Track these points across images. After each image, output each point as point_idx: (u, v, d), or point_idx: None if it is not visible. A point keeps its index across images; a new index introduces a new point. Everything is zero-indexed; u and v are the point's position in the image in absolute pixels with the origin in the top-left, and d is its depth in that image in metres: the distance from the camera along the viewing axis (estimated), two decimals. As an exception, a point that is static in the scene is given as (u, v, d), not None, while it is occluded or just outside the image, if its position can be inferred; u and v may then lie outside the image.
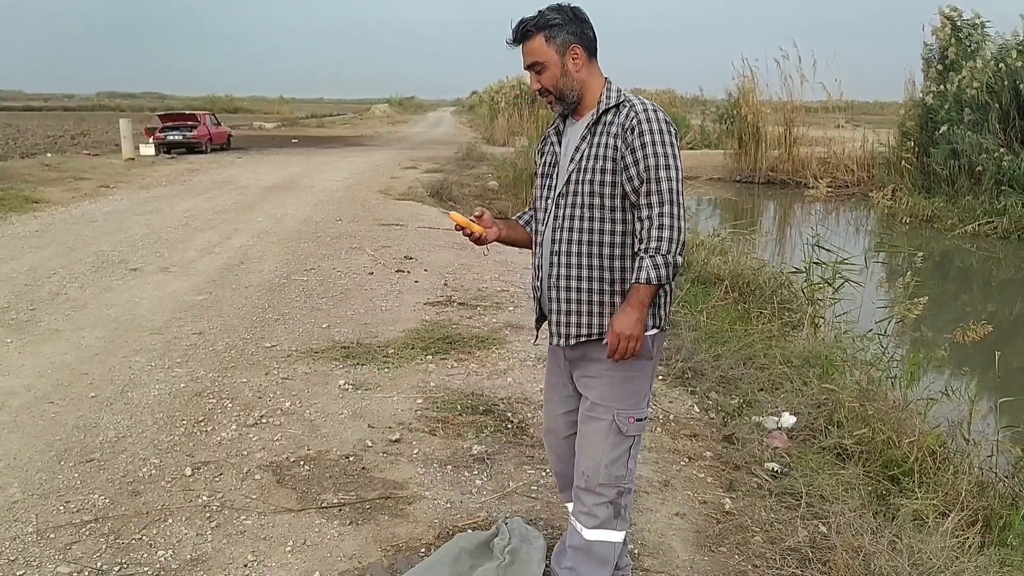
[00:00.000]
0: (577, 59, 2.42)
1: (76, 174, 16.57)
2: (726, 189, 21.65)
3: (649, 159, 2.30)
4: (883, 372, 5.40)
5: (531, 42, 2.42)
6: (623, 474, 2.48)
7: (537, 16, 2.42)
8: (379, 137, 36.69)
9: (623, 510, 2.51)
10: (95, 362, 5.16)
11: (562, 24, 2.40)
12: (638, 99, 2.41)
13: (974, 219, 14.20)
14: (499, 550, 2.81)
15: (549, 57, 2.42)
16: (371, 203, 13.22)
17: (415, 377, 4.99)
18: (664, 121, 2.34)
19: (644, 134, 2.31)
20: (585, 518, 2.51)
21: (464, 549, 2.87)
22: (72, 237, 9.59)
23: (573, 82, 2.44)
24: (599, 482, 2.47)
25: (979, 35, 17.23)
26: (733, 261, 8.35)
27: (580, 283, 2.44)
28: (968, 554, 3.10)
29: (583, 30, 2.43)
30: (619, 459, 2.47)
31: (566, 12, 2.42)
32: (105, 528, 3.21)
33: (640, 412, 2.48)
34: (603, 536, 2.51)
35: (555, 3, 2.45)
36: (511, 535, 2.87)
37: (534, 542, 2.87)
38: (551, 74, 2.43)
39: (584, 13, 2.46)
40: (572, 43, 2.41)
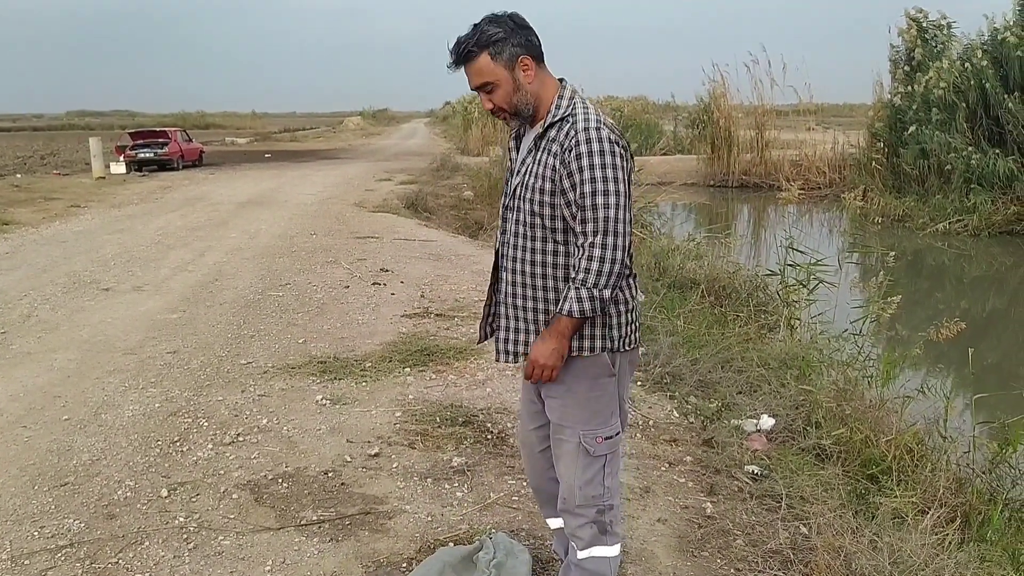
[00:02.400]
0: (528, 70, 2.28)
1: (46, 194, 16.40)
2: (700, 194, 21.78)
3: (586, 185, 2.17)
4: (859, 372, 5.43)
5: (475, 63, 2.27)
6: (600, 493, 2.44)
7: (477, 33, 2.25)
8: (353, 150, 36.58)
9: (609, 525, 2.48)
10: (68, 384, 5.09)
11: (506, 37, 2.24)
12: (583, 113, 2.26)
13: (945, 217, 14.38)
14: (484, 564, 2.79)
15: (499, 75, 2.27)
16: (346, 216, 13.17)
17: (393, 390, 4.96)
18: (607, 140, 2.19)
19: (582, 157, 2.18)
20: (575, 540, 2.51)
21: (447, 563, 2.85)
22: (43, 258, 9.47)
23: (527, 95, 2.30)
24: (576, 504, 2.45)
25: (945, 36, 17.48)
26: (708, 265, 8.39)
27: (526, 301, 2.38)
28: (948, 551, 3.12)
29: (528, 37, 2.28)
30: (593, 479, 2.42)
31: (506, 22, 2.26)
32: (81, 553, 3.16)
33: (607, 430, 2.41)
34: (594, 553, 2.50)
35: (490, 14, 2.29)
36: (495, 549, 2.85)
37: (519, 556, 2.85)
38: (503, 92, 2.29)
39: (523, 18, 2.30)
40: (520, 55, 2.26)
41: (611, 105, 25.01)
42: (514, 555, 2.84)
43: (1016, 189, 14.23)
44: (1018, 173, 14.19)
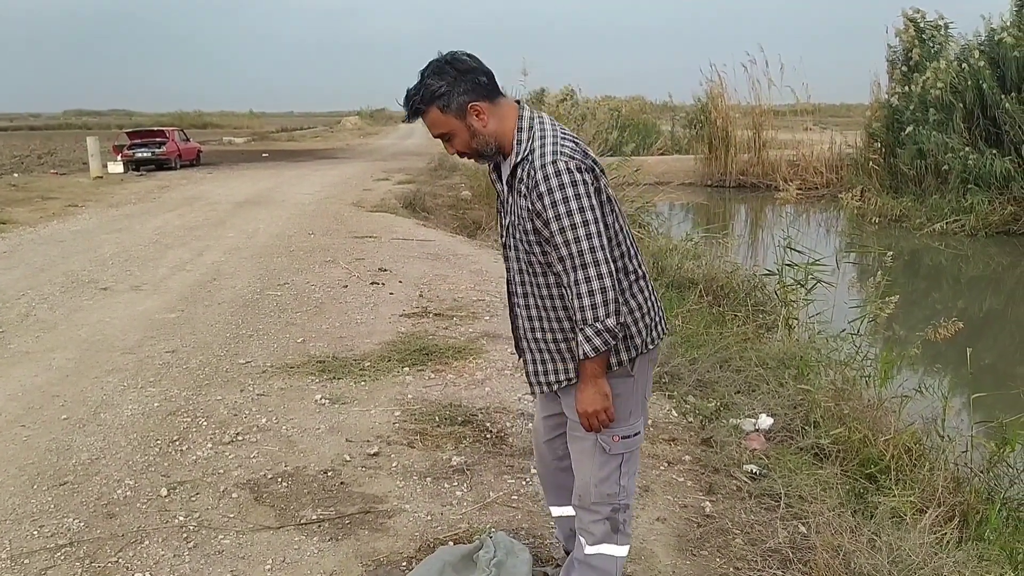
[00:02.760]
0: (481, 115, 2.24)
1: (43, 194, 16.38)
2: (697, 194, 21.81)
3: (553, 224, 2.15)
4: (857, 371, 5.44)
5: (427, 116, 2.26)
6: (615, 492, 2.44)
7: (421, 90, 2.23)
8: (350, 149, 36.57)
9: (621, 525, 2.49)
10: (67, 384, 5.09)
11: (450, 89, 2.21)
12: (540, 145, 2.20)
13: (942, 218, 14.40)
14: (484, 563, 2.79)
15: (452, 125, 2.25)
16: (344, 216, 13.17)
17: (392, 390, 4.96)
18: (564, 171, 2.13)
19: (544, 196, 2.14)
20: (585, 535, 2.51)
21: (447, 563, 2.85)
22: (40, 257, 9.47)
23: (486, 138, 2.27)
24: (591, 501, 2.46)
25: (942, 36, 17.51)
26: (706, 265, 8.41)
27: (545, 334, 2.38)
28: (946, 550, 3.13)
29: (474, 80, 2.23)
30: (608, 477, 2.42)
31: (448, 72, 2.21)
32: (80, 552, 3.16)
33: (624, 429, 2.40)
34: (603, 550, 2.50)
35: (434, 64, 2.24)
36: (496, 548, 2.85)
37: (520, 555, 2.86)
38: (461, 139, 2.28)
39: (465, 61, 2.24)
40: (469, 102, 2.22)
41: (609, 105, 24.96)
42: (514, 554, 2.84)
43: (1013, 189, 14.26)
44: (1015, 173, 14.22)
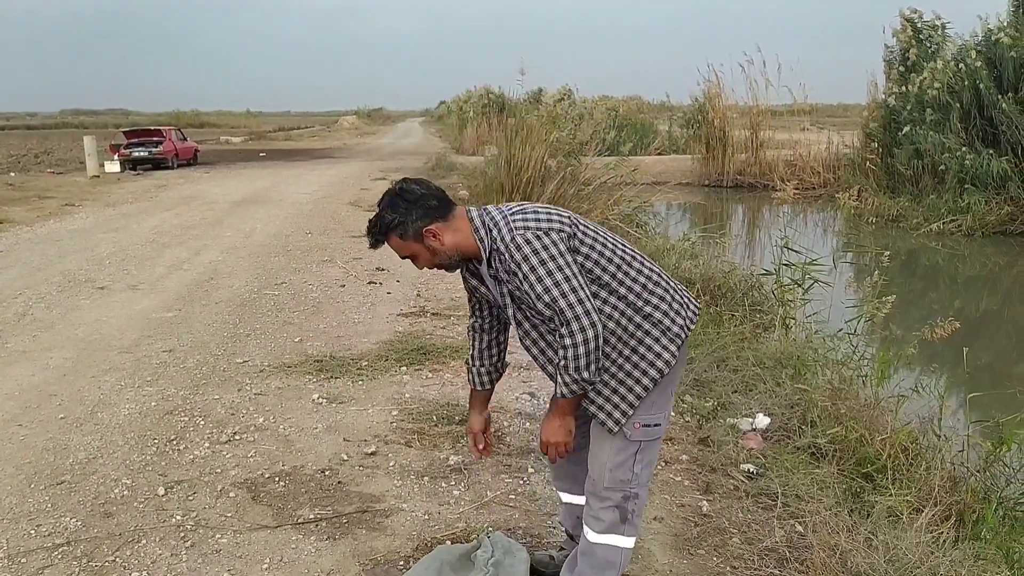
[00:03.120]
0: (437, 235, 2.39)
1: (40, 193, 16.36)
2: (694, 194, 21.80)
3: (536, 288, 2.28)
4: (854, 371, 5.44)
5: (390, 243, 2.45)
6: (628, 478, 2.49)
7: (377, 224, 2.43)
8: (348, 149, 36.54)
9: (630, 515, 2.53)
10: (63, 383, 5.09)
11: (404, 219, 2.38)
12: (498, 234, 2.35)
13: (939, 218, 14.39)
14: (482, 563, 2.79)
15: (413, 248, 2.43)
16: (341, 215, 13.17)
17: (390, 389, 4.97)
18: (528, 242, 2.28)
19: (520, 266, 2.29)
20: (592, 521, 2.54)
21: (445, 562, 2.85)
22: (37, 257, 9.46)
23: (447, 253, 2.43)
24: (604, 486, 2.50)
25: (939, 36, 17.49)
26: (704, 264, 8.40)
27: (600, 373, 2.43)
28: (943, 549, 3.13)
29: (425, 206, 2.39)
30: (624, 463, 2.48)
31: (399, 204, 2.39)
32: (77, 551, 3.16)
33: (646, 418, 2.46)
34: (609, 540, 2.54)
35: (388, 197, 2.44)
36: (494, 548, 2.85)
37: (517, 555, 2.86)
38: (424, 259, 2.46)
39: (414, 191, 2.42)
40: (423, 227, 2.39)
41: (606, 105, 24.98)
42: (512, 554, 2.84)
43: (1010, 189, 14.24)
44: (1012, 173, 14.20)
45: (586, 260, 2.36)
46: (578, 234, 2.35)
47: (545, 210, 2.39)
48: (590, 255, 2.36)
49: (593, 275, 2.37)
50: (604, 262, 2.38)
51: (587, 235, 2.38)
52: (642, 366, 2.41)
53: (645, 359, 2.41)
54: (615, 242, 2.46)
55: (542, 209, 2.40)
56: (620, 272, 2.39)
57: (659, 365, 2.41)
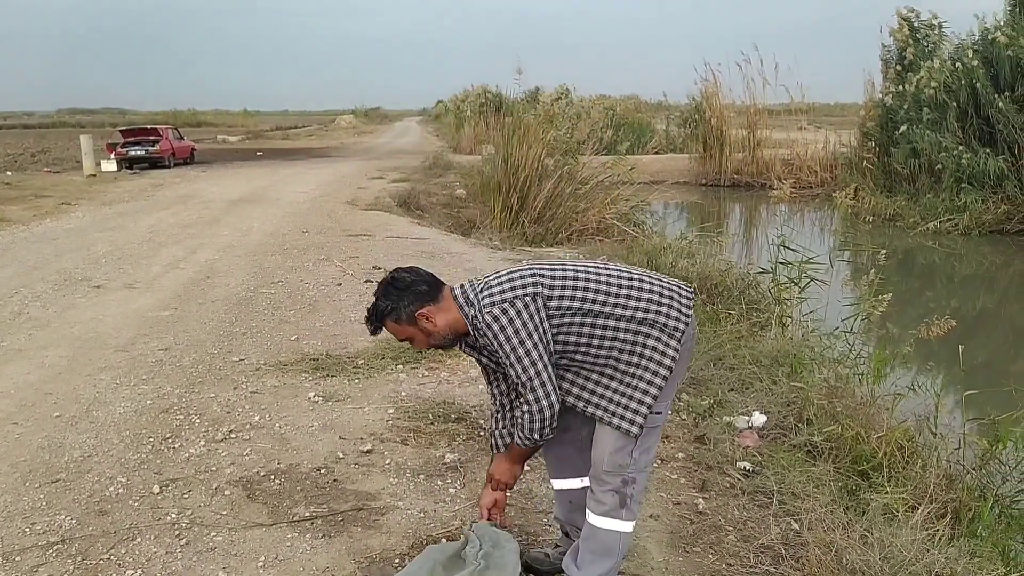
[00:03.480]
0: (430, 318, 2.54)
1: (37, 192, 16.34)
2: (692, 192, 21.83)
3: (505, 361, 2.46)
4: (850, 369, 5.45)
5: (386, 329, 2.60)
6: (627, 463, 2.58)
7: (374, 311, 2.58)
8: (345, 148, 36.50)
9: (629, 500, 2.61)
10: (59, 381, 5.08)
11: (396, 305, 2.54)
12: (476, 312, 2.49)
13: (935, 217, 14.43)
14: (472, 556, 2.78)
15: (408, 332, 2.59)
16: (338, 214, 13.15)
17: (386, 387, 4.96)
18: (495, 319, 2.41)
19: (492, 340, 2.44)
20: (594, 504, 2.64)
21: (437, 561, 2.84)
22: (34, 255, 9.44)
23: (441, 333, 2.58)
24: (603, 470, 2.60)
25: (936, 35, 17.51)
26: (701, 263, 8.40)
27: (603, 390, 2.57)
28: (938, 546, 3.13)
29: (415, 292, 2.54)
30: (623, 448, 2.57)
31: (391, 293, 2.55)
32: (72, 549, 3.15)
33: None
34: (609, 524, 2.62)
35: (381, 287, 2.59)
36: (480, 541, 2.84)
37: (506, 545, 2.85)
38: (420, 340, 2.61)
39: (404, 279, 2.57)
40: (416, 311, 2.54)
41: (603, 104, 24.98)
42: (500, 545, 2.83)
43: (1006, 188, 14.28)
44: (1008, 172, 14.24)
45: (562, 301, 2.48)
46: (546, 289, 2.47)
47: (510, 276, 2.52)
48: (565, 295, 2.49)
49: (576, 310, 2.48)
50: (582, 293, 2.49)
51: (555, 279, 2.50)
52: (652, 368, 2.51)
53: (652, 360, 2.50)
54: (589, 271, 2.57)
55: (506, 277, 2.53)
56: (600, 295, 2.50)
57: (666, 363, 2.50)
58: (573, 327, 2.48)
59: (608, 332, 2.49)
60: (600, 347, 2.51)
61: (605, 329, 2.48)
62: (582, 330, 2.49)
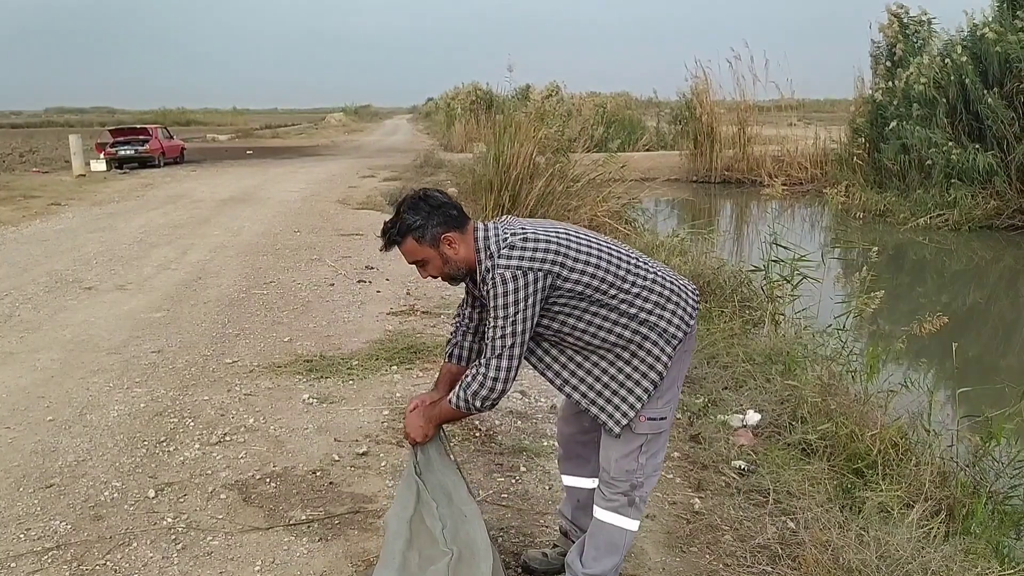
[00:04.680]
0: (453, 244, 2.46)
1: (26, 192, 16.25)
2: (683, 190, 21.84)
3: (493, 317, 2.37)
4: (843, 366, 5.46)
5: (403, 246, 2.48)
6: (634, 468, 2.56)
7: (397, 223, 2.46)
8: (335, 146, 36.43)
9: (637, 500, 2.61)
10: (51, 385, 5.05)
11: (425, 222, 2.43)
12: (491, 260, 2.40)
13: (926, 212, 14.47)
14: (438, 532, 2.59)
15: (427, 253, 2.47)
16: (330, 213, 13.13)
17: (380, 388, 4.95)
18: (506, 277, 2.33)
19: (489, 292, 2.36)
20: (601, 500, 2.64)
21: (405, 539, 2.60)
22: (23, 257, 9.39)
23: (457, 264, 2.49)
24: (611, 476, 2.59)
25: (926, 32, 17.55)
26: (693, 261, 8.41)
27: (597, 380, 2.53)
28: (934, 544, 3.15)
29: (446, 214, 2.46)
30: (630, 455, 2.55)
31: (421, 207, 2.45)
32: (68, 555, 3.14)
33: (652, 412, 2.52)
34: (616, 520, 2.62)
35: (409, 199, 2.49)
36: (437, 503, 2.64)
37: (469, 517, 2.66)
38: (434, 266, 2.51)
39: (437, 197, 2.49)
40: (442, 233, 2.44)
41: (594, 101, 24.98)
42: (463, 515, 2.65)
43: (996, 184, 14.32)
44: (997, 168, 14.29)
45: (576, 285, 2.40)
46: (565, 270, 2.38)
47: (535, 242, 2.40)
48: (580, 279, 2.40)
49: (584, 295, 2.41)
50: (596, 282, 2.41)
51: (578, 261, 2.41)
52: (642, 369, 2.48)
53: (645, 362, 2.48)
54: (611, 255, 2.48)
55: (532, 240, 2.41)
56: (613, 288, 2.43)
57: (658, 368, 2.48)
58: (576, 310, 2.43)
59: (607, 324, 2.45)
60: (596, 336, 2.46)
61: (605, 320, 2.44)
62: (583, 316, 2.44)
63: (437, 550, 2.56)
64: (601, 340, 2.47)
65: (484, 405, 2.45)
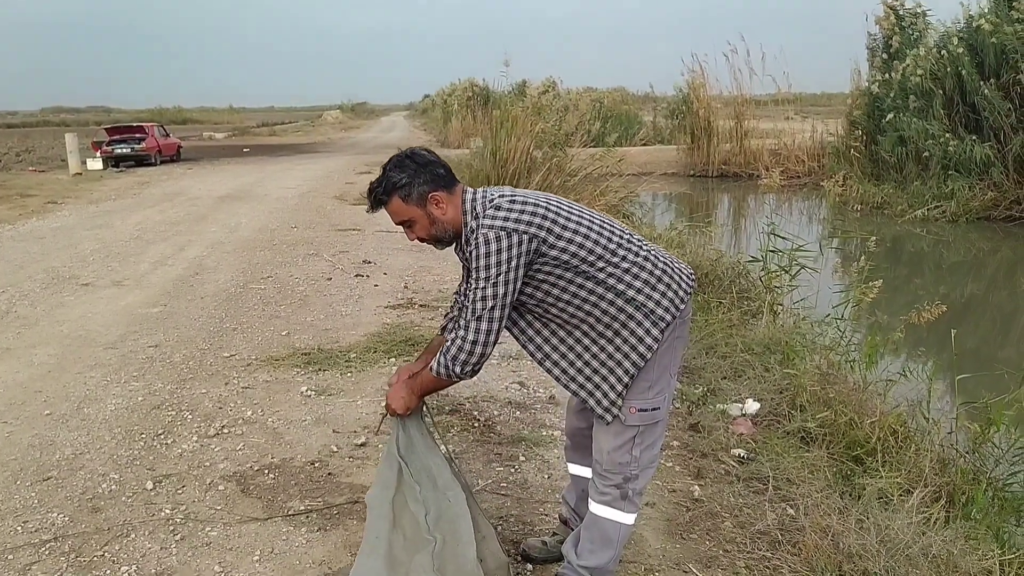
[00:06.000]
0: (441, 204, 2.42)
1: (22, 191, 16.20)
2: (680, 184, 21.85)
3: (475, 279, 2.33)
4: (842, 356, 5.46)
5: (389, 206, 2.44)
6: (627, 461, 2.52)
7: (383, 182, 2.42)
8: (332, 143, 36.38)
9: (631, 493, 2.56)
10: (48, 379, 5.04)
11: (411, 180, 2.39)
12: (476, 220, 2.38)
13: (923, 204, 14.48)
14: (426, 529, 2.54)
15: (413, 213, 2.43)
16: (327, 209, 13.11)
17: (379, 380, 4.94)
18: (486, 242, 2.30)
19: (477, 258, 2.32)
20: (595, 493, 2.60)
21: (390, 522, 2.58)
22: (20, 254, 9.37)
23: (444, 225, 2.45)
24: (604, 468, 2.55)
25: (922, 23, 17.56)
26: (691, 253, 8.41)
27: (582, 360, 2.48)
28: (934, 529, 3.14)
29: (433, 172, 2.42)
30: (622, 447, 2.50)
31: (408, 165, 2.41)
32: (65, 547, 3.13)
33: (642, 403, 2.47)
34: (610, 514, 2.57)
35: (395, 158, 2.44)
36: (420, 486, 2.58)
37: (454, 502, 2.60)
38: (421, 226, 2.46)
39: (424, 155, 2.45)
40: (429, 192, 2.40)
41: (591, 96, 24.96)
42: (447, 503, 2.59)
43: (993, 175, 14.33)
44: (994, 159, 14.29)
45: (562, 253, 2.35)
46: (551, 236, 2.34)
47: (523, 204, 2.37)
48: (567, 248, 2.35)
49: (570, 265, 2.36)
50: (584, 252, 2.37)
51: (566, 229, 2.36)
52: (624, 349, 2.42)
53: (628, 343, 2.42)
54: (601, 227, 2.44)
55: (520, 203, 2.37)
56: (601, 260, 2.38)
57: (640, 350, 2.41)
58: (561, 280, 2.37)
59: (592, 298, 2.39)
60: (579, 309, 2.40)
61: (591, 294, 2.38)
62: (568, 287, 2.38)
63: (420, 535, 2.53)
64: (585, 314, 2.41)
65: (464, 371, 2.38)
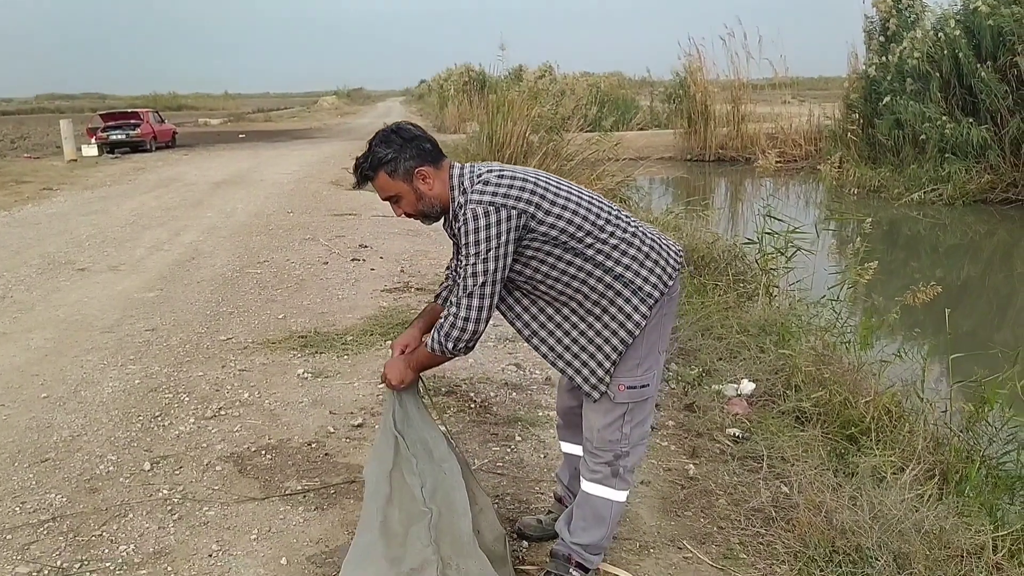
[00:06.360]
0: (427, 179, 2.41)
1: (17, 177, 16.16)
2: (677, 168, 21.83)
3: (464, 256, 2.33)
4: (837, 337, 5.47)
5: (376, 182, 2.43)
6: (617, 439, 2.52)
7: (369, 157, 2.40)
8: (328, 129, 36.28)
9: (622, 471, 2.57)
10: (45, 363, 5.04)
11: (397, 155, 2.38)
12: (463, 196, 2.38)
13: (920, 187, 14.47)
14: (422, 502, 2.55)
15: (400, 188, 2.42)
16: (323, 194, 13.09)
17: (375, 363, 4.95)
18: (475, 216, 2.29)
19: (465, 234, 2.31)
20: (587, 471, 2.61)
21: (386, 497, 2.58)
22: (16, 240, 9.35)
23: (431, 200, 2.44)
24: (595, 446, 2.56)
25: (919, 6, 17.50)
26: (688, 236, 8.42)
27: (568, 337, 2.49)
28: (927, 505, 3.16)
29: (419, 147, 2.41)
30: (612, 424, 2.51)
31: (394, 140, 2.40)
32: (64, 526, 3.14)
33: (631, 380, 2.47)
34: (601, 492, 2.58)
35: (381, 133, 2.43)
36: (416, 459, 2.58)
37: (449, 475, 2.61)
38: (408, 201, 2.45)
39: (410, 130, 2.45)
40: (415, 167, 2.39)
41: (587, 81, 24.90)
42: (443, 475, 2.59)
43: (989, 158, 14.32)
44: (991, 142, 14.28)
45: (551, 229, 2.35)
46: (540, 212, 2.34)
47: (511, 179, 2.37)
48: (556, 224, 2.35)
49: (558, 241, 2.36)
50: (572, 228, 2.37)
51: (555, 205, 2.36)
52: (612, 327, 2.43)
53: (616, 319, 2.42)
54: (590, 203, 2.45)
55: (508, 178, 2.38)
56: (589, 236, 2.38)
57: (629, 327, 2.42)
58: (550, 257, 2.37)
59: (581, 274, 2.39)
60: (568, 286, 2.40)
61: (580, 270, 2.39)
62: (557, 264, 2.38)
63: (417, 508, 2.54)
64: (573, 291, 2.42)
65: (458, 347, 2.39)
